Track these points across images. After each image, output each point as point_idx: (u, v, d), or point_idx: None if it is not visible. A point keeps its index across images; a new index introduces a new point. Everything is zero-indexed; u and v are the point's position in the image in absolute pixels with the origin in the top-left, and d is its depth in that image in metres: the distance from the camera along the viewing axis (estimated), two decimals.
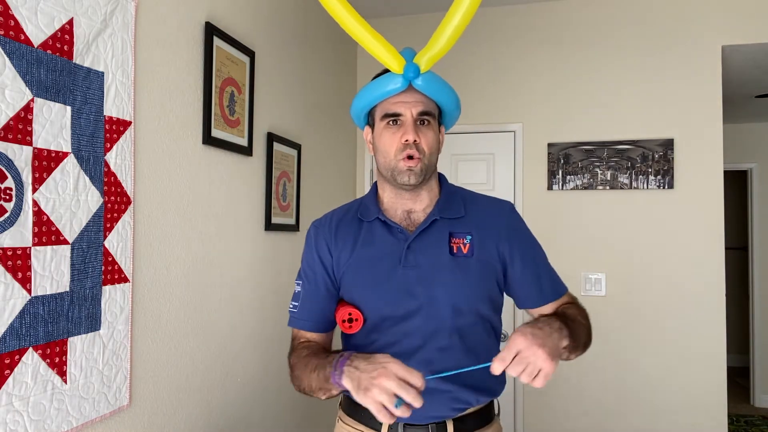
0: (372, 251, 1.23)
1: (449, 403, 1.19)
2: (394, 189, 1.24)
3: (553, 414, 2.99)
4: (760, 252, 4.99)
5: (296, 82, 2.53)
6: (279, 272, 2.33)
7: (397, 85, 1.18)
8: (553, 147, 3.06)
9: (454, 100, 1.26)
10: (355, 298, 1.25)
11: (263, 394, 2.21)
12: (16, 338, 1.14)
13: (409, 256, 1.20)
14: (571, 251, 3.02)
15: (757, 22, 2.80)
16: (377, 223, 1.25)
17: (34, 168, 1.18)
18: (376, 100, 1.22)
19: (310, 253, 1.31)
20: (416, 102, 1.19)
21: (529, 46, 3.13)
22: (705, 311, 2.82)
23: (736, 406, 4.84)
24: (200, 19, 1.79)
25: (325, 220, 1.33)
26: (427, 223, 1.22)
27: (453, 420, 1.20)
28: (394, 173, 1.20)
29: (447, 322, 1.19)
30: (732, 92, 3.80)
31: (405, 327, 1.20)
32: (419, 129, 1.19)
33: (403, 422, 1.20)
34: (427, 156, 1.19)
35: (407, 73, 1.17)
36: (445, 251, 1.20)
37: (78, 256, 1.29)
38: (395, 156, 1.19)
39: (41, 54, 1.19)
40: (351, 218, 1.30)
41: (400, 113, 1.19)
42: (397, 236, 1.23)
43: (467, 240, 1.22)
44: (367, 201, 1.31)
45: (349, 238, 1.27)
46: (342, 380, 1.04)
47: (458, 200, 1.28)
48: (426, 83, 1.19)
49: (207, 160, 1.84)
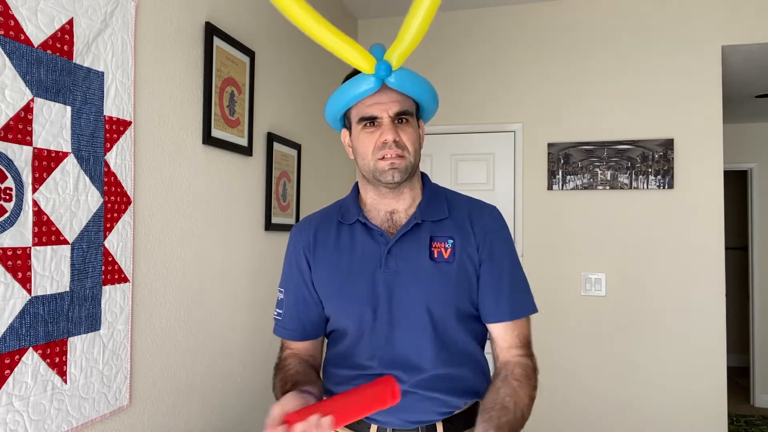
0: (351, 256, 1.20)
1: (437, 407, 1.17)
2: (376, 189, 1.21)
3: (552, 414, 2.99)
4: (760, 252, 4.99)
5: (296, 82, 2.53)
6: (279, 272, 2.32)
7: (370, 86, 1.12)
8: (553, 147, 3.06)
9: (431, 95, 1.20)
10: (334, 304, 1.22)
11: (263, 394, 2.21)
12: (16, 338, 1.14)
13: (390, 261, 1.17)
14: (571, 251, 3.02)
15: (757, 22, 2.80)
16: (358, 226, 1.22)
17: (34, 168, 1.18)
18: (349, 103, 1.17)
19: (289, 261, 1.28)
20: (392, 102, 1.14)
21: (529, 46, 3.13)
22: (705, 311, 2.82)
23: (736, 406, 4.83)
24: (200, 19, 1.79)
25: (303, 225, 1.29)
26: (408, 227, 1.18)
27: (442, 422, 1.17)
28: (376, 174, 1.16)
29: (427, 329, 1.16)
30: (732, 92, 3.80)
31: (385, 333, 1.17)
32: (398, 128, 1.15)
33: (392, 427, 1.17)
34: (411, 153, 1.15)
35: (379, 72, 1.11)
36: (425, 256, 1.17)
37: (78, 256, 1.29)
38: (373, 156, 1.15)
39: (41, 54, 1.19)
40: (331, 222, 1.26)
41: (376, 116, 1.14)
42: (378, 240, 1.19)
43: (449, 244, 1.18)
44: (348, 203, 1.26)
45: (328, 243, 1.23)
46: None
47: (441, 200, 1.23)
48: (400, 81, 1.13)
49: (207, 160, 1.84)
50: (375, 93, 1.14)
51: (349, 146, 1.23)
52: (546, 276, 3.02)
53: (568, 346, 2.97)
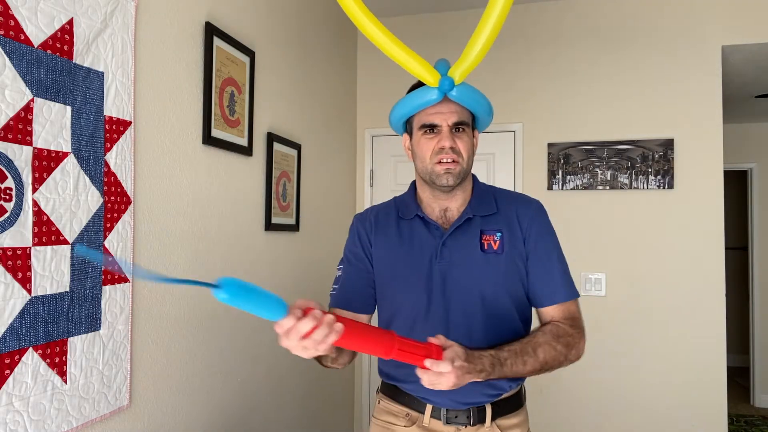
0: (410, 246, 1.32)
1: (486, 390, 1.26)
2: (432, 190, 1.32)
3: (553, 413, 2.99)
4: (760, 252, 4.99)
5: (296, 82, 2.53)
6: (279, 272, 2.33)
7: (433, 97, 1.26)
8: (553, 147, 3.06)
9: (487, 107, 1.32)
10: (391, 289, 1.33)
11: (263, 394, 2.21)
12: (16, 338, 1.14)
13: (444, 252, 1.28)
14: (571, 251, 2.97)
15: (757, 22, 2.80)
16: (417, 220, 1.34)
17: (34, 168, 1.18)
18: (413, 111, 1.30)
19: (353, 241, 1.39)
20: (451, 113, 1.26)
21: (529, 46, 3.13)
22: (705, 311, 2.82)
23: (736, 406, 4.83)
24: (200, 19, 1.79)
25: (366, 214, 1.42)
26: (461, 221, 1.29)
27: (491, 404, 1.28)
28: (432, 176, 1.28)
29: (479, 314, 1.26)
30: (732, 92, 3.80)
31: (439, 317, 1.27)
32: (455, 136, 1.27)
33: (446, 407, 1.27)
34: (465, 159, 1.27)
35: (443, 86, 1.24)
36: (477, 248, 1.28)
37: (78, 256, 1.29)
38: (431, 160, 1.27)
39: (41, 54, 1.19)
40: (390, 214, 1.38)
41: (436, 124, 1.27)
42: (434, 233, 1.31)
43: (497, 237, 1.29)
44: (406, 200, 1.39)
45: (389, 232, 1.35)
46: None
47: (490, 197, 1.35)
48: (460, 94, 1.26)
49: (207, 160, 1.84)
50: (437, 103, 1.27)
51: (409, 149, 1.37)
52: None
53: None
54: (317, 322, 0.90)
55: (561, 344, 1.22)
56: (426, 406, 1.29)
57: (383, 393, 1.40)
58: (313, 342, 0.91)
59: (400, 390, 1.34)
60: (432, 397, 1.28)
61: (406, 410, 1.32)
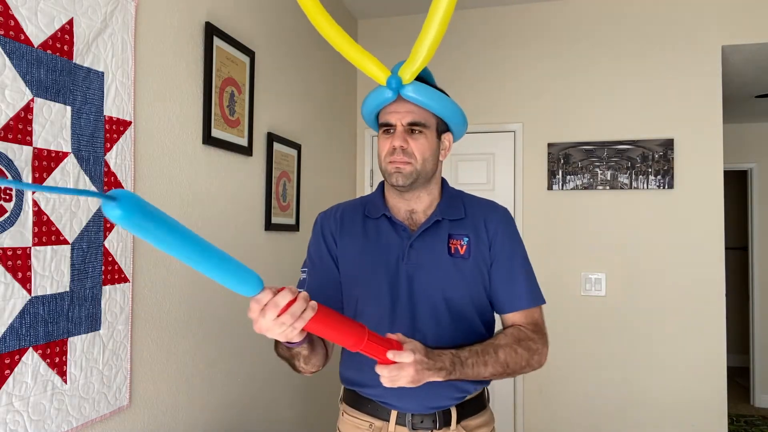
0: (376, 247, 1.30)
1: (451, 392, 1.26)
2: (394, 190, 1.31)
3: (553, 414, 2.99)
4: (760, 252, 4.99)
5: (296, 82, 2.53)
6: (279, 272, 2.33)
7: (388, 96, 1.24)
8: (553, 147, 3.06)
9: (452, 109, 1.29)
10: (356, 290, 1.30)
11: (263, 393, 2.21)
12: (16, 338, 1.14)
13: (411, 254, 1.27)
14: (571, 251, 3.02)
15: (757, 22, 2.80)
16: (383, 220, 1.32)
17: (34, 168, 1.18)
18: (372, 109, 1.30)
19: (317, 241, 1.37)
20: (407, 112, 1.25)
21: (529, 46, 3.13)
22: (705, 311, 2.82)
23: (736, 406, 4.83)
24: (200, 19, 1.79)
25: (330, 213, 1.40)
26: (429, 223, 1.28)
27: (455, 407, 1.27)
28: (386, 175, 1.28)
29: (444, 317, 1.26)
30: (732, 92, 3.80)
31: (405, 320, 1.26)
32: (410, 137, 1.25)
33: (411, 412, 1.26)
34: (418, 161, 1.24)
35: (390, 84, 1.23)
36: (444, 251, 1.27)
37: (78, 256, 1.29)
38: (384, 159, 1.27)
39: (41, 54, 1.19)
40: (356, 213, 1.36)
41: (391, 123, 1.26)
42: (401, 234, 1.30)
43: (465, 242, 1.29)
44: (374, 199, 1.37)
45: (353, 232, 1.33)
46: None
47: (459, 202, 1.35)
48: (415, 94, 1.24)
49: (207, 160, 1.84)
50: (394, 103, 1.26)
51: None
52: (546, 276, 3.01)
53: (568, 345, 2.97)
54: (294, 295, 0.90)
55: (522, 347, 1.22)
56: (391, 412, 1.27)
57: (346, 402, 1.36)
58: (291, 316, 0.89)
59: (362, 397, 1.31)
60: (396, 402, 1.26)
61: (369, 420, 1.29)
